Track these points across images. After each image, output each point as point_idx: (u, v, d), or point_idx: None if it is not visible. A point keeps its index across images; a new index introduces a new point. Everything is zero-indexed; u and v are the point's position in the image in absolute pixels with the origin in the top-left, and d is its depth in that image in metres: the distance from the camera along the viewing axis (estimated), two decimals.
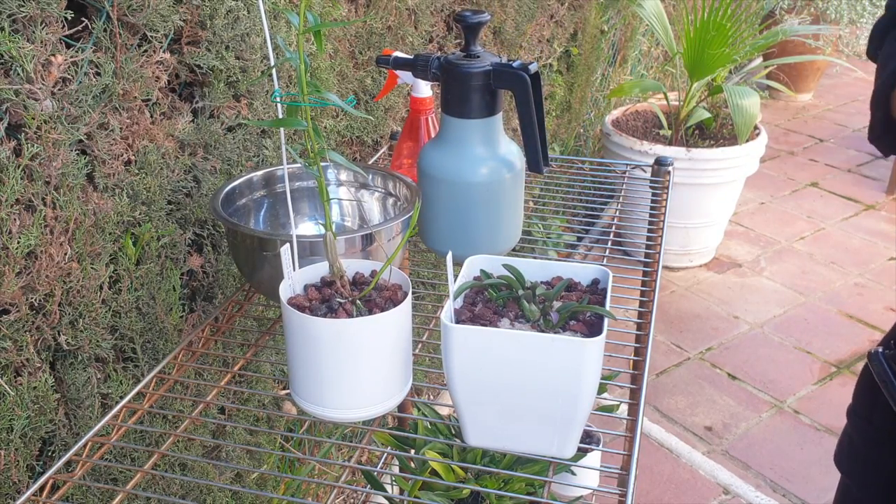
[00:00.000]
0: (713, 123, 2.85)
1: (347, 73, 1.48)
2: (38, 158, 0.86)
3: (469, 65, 0.83)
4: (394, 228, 0.84)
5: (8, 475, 0.89)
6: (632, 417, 0.77)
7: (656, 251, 1.02)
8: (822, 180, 3.63)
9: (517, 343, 0.62)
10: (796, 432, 2.14)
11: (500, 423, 0.66)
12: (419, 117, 1.07)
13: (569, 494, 1.42)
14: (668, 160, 1.21)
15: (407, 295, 0.68)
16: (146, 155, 1.01)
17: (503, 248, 0.91)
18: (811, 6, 4.21)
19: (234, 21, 1.11)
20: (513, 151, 0.88)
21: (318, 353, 0.65)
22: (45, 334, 0.92)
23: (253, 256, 0.83)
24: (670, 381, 2.35)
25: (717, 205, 2.81)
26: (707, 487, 1.97)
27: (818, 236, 3.16)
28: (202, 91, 1.12)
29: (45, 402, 0.92)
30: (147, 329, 1.07)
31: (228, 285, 1.22)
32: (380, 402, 0.69)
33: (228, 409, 1.33)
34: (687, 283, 2.84)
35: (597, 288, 0.70)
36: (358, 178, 0.99)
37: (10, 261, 0.84)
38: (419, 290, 1.09)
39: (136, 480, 0.69)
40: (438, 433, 1.12)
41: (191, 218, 1.13)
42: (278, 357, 0.98)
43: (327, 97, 0.62)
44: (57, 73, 0.86)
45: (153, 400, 0.77)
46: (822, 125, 4.24)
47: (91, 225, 0.94)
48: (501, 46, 2.17)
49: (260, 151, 1.23)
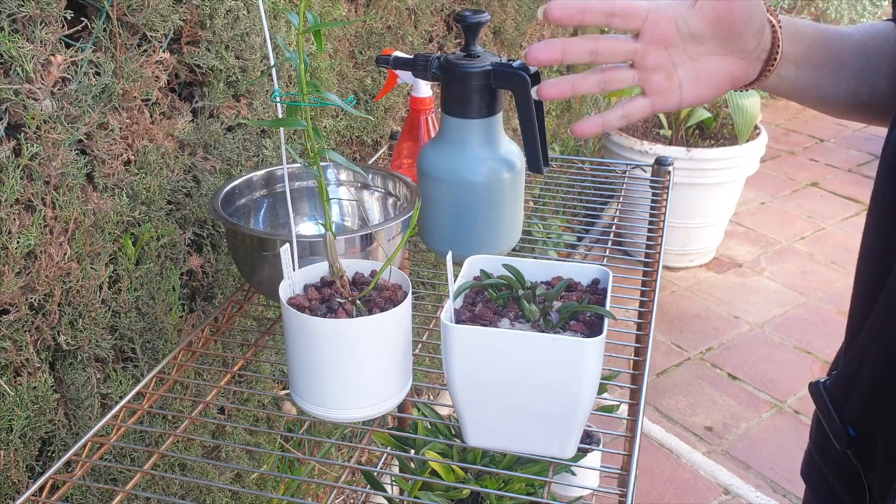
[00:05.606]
0: (713, 123, 2.85)
1: (347, 73, 1.48)
2: (37, 158, 0.86)
3: (469, 65, 0.83)
4: (394, 228, 0.84)
5: (7, 475, 0.89)
6: (632, 417, 0.77)
7: (656, 251, 1.01)
8: (822, 180, 3.63)
9: (517, 343, 0.62)
10: (796, 432, 2.14)
11: (500, 423, 0.66)
12: (419, 117, 1.07)
13: (569, 495, 1.41)
14: (669, 160, 1.21)
15: (407, 295, 0.67)
16: (146, 155, 1.01)
17: (503, 248, 0.91)
18: (811, 6, 4.21)
19: (234, 21, 1.11)
20: (513, 151, 0.88)
21: (318, 353, 0.65)
22: (44, 334, 0.92)
23: (253, 256, 0.83)
24: (670, 381, 2.35)
25: (717, 205, 2.81)
26: (707, 488, 1.97)
27: (818, 236, 3.15)
28: (202, 91, 1.12)
29: (44, 402, 0.92)
30: (147, 329, 1.07)
31: (228, 285, 1.22)
32: (380, 402, 0.69)
33: (228, 410, 1.33)
34: (687, 283, 2.84)
35: (597, 288, 0.70)
36: (358, 178, 0.99)
37: (9, 261, 0.84)
38: (419, 290, 1.09)
39: (136, 480, 0.69)
40: (438, 433, 1.12)
41: (190, 218, 1.13)
42: (278, 357, 0.98)
43: (327, 97, 0.62)
44: (56, 73, 0.86)
45: (153, 400, 0.77)
46: (822, 125, 4.24)
47: (91, 225, 0.94)
48: (501, 46, 2.17)
49: (260, 151, 1.23)
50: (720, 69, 0.67)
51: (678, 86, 0.67)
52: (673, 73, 0.67)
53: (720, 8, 0.64)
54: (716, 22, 0.64)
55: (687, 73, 0.67)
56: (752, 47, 0.66)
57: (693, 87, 0.67)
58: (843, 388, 0.69)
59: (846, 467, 0.70)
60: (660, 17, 0.65)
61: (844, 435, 0.68)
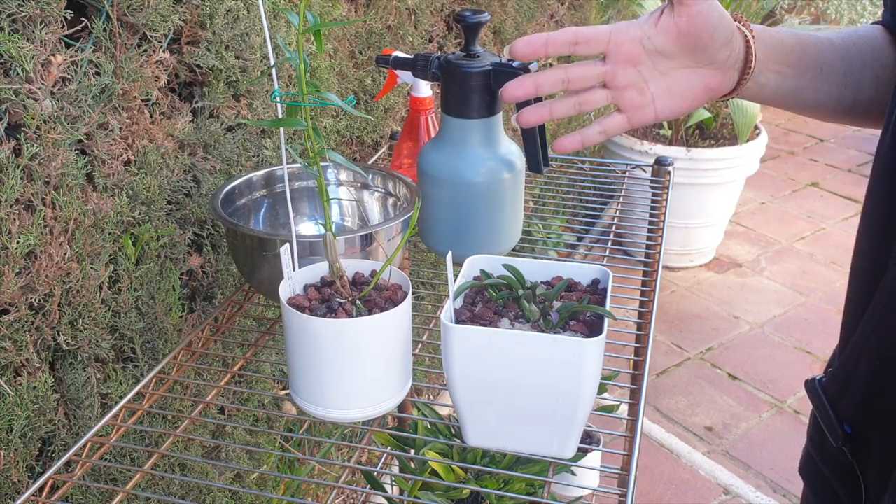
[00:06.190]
0: (713, 123, 2.85)
1: (347, 73, 1.48)
2: (37, 158, 0.86)
3: (469, 65, 0.83)
4: (394, 228, 0.84)
5: (7, 475, 0.89)
6: (632, 417, 0.77)
7: (656, 251, 1.01)
8: (822, 180, 3.63)
9: (517, 343, 0.62)
10: (796, 432, 2.14)
11: (500, 423, 0.66)
12: (419, 117, 1.07)
13: (569, 495, 1.41)
14: (669, 160, 1.21)
15: (407, 295, 0.67)
16: (146, 155, 1.01)
17: (503, 248, 0.91)
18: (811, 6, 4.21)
19: (234, 21, 1.11)
20: (513, 151, 0.88)
21: (318, 353, 0.65)
22: (44, 334, 0.92)
23: (253, 256, 0.83)
24: (670, 381, 2.35)
25: (717, 205, 2.81)
26: (707, 488, 1.97)
27: (818, 236, 3.16)
28: (202, 91, 1.12)
29: (44, 402, 0.92)
30: (147, 329, 1.07)
31: (228, 285, 1.22)
32: (380, 402, 0.69)
33: (228, 410, 1.33)
34: (687, 283, 2.84)
35: (597, 288, 0.70)
36: (358, 178, 0.99)
37: (9, 261, 0.84)
38: (419, 290, 1.09)
39: (136, 480, 0.69)
40: (438, 433, 1.12)
41: (190, 218, 1.13)
42: (278, 357, 0.98)
43: (327, 97, 0.62)
44: (56, 73, 0.86)
45: (153, 400, 0.77)
46: (822, 125, 4.23)
47: (91, 225, 0.94)
48: (501, 46, 2.17)
49: (260, 151, 1.23)
50: (694, 81, 0.68)
51: (651, 100, 0.68)
52: (645, 88, 0.68)
53: (682, 24, 0.65)
54: (680, 38, 0.66)
55: (659, 87, 0.68)
56: (723, 58, 0.67)
57: (667, 101, 0.69)
58: (840, 385, 0.70)
59: (842, 464, 0.70)
60: (623, 39, 0.67)
61: (840, 432, 0.69)
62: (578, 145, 0.72)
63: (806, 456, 0.80)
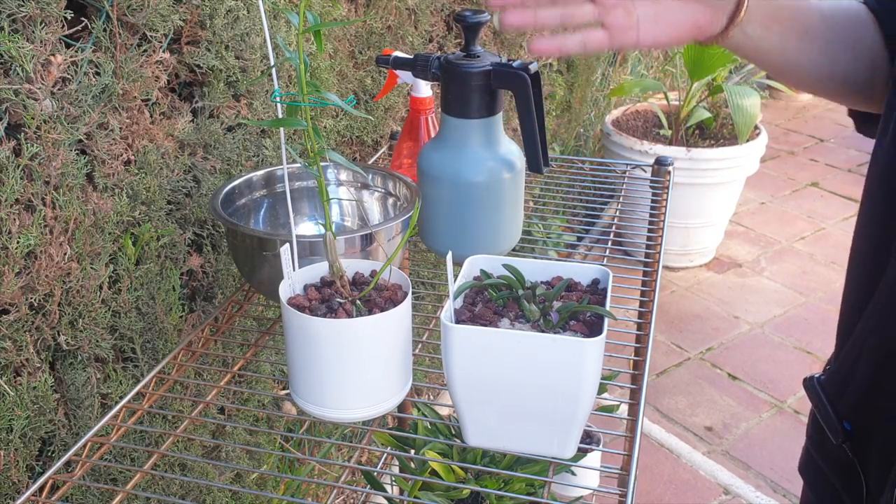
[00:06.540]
0: (713, 123, 2.85)
1: (347, 73, 1.48)
2: (37, 158, 0.86)
3: (469, 65, 0.83)
4: (394, 228, 0.84)
5: (7, 475, 0.89)
6: (632, 417, 0.77)
7: (656, 251, 1.01)
8: (822, 180, 3.63)
9: (517, 343, 0.62)
10: (796, 432, 2.14)
11: (500, 423, 0.66)
12: (419, 117, 1.07)
13: (569, 495, 1.41)
14: (669, 160, 1.21)
15: (407, 295, 0.67)
16: (146, 155, 1.01)
17: (503, 248, 0.91)
18: None
19: (234, 21, 1.11)
20: (513, 151, 0.88)
21: (318, 353, 0.65)
22: (44, 334, 0.92)
23: (253, 256, 0.83)
24: (670, 381, 2.35)
25: (717, 205, 2.81)
26: (707, 488, 1.97)
27: (818, 236, 3.15)
28: (202, 91, 1.12)
29: (44, 402, 0.92)
30: (147, 329, 1.07)
31: (228, 285, 1.22)
32: (380, 402, 0.69)
33: (228, 410, 1.33)
34: (687, 283, 2.84)
35: (597, 288, 0.70)
36: (358, 178, 0.99)
37: (9, 261, 0.84)
38: (419, 290, 1.09)
39: (136, 480, 0.69)
40: (438, 433, 1.12)
41: (190, 218, 1.13)
42: (278, 357, 0.98)
43: (327, 97, 0.62)
44: (56, 73, 0.86)
45: (153, 400, 0.77)
46: (822, 125, 4.24)
47: (91, 225, 0.94)
48: (501, 46, 2.17)
49: (260, 151, 1.23)
50: (683, 15, 0.68)
51: (636, 24, 0.68)
52: (632, 10, 0.68)
53: None
54: None
55: (647, 12, 0.68)
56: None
57: (651, 27, 0.68)
58: (839, 383, 0.70)
59: (843, 462, 0.70)
60: None
61: (840, 429, 0.69)
62: (556, 50, 0.71)
63: (805, 454, 0.80)
